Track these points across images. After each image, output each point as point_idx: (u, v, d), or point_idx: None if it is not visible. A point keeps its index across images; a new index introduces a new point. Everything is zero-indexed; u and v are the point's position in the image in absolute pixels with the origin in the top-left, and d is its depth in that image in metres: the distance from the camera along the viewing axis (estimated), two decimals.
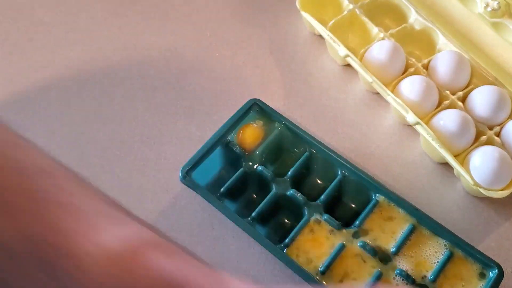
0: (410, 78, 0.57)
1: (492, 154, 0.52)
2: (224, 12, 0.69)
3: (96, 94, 0.62)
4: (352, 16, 0.63)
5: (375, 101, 0.61)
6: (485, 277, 0.48)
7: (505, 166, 0.52)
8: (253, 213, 0.51)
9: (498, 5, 0.57)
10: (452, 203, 0.55)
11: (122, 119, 0.61)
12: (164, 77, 0.63)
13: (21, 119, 0.61)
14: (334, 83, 0.63)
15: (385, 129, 0.60)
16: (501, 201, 0.54)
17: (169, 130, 0.60)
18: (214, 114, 0.61)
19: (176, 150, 0.58)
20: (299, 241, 0.50)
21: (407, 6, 0.62)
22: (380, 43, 0.59)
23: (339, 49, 0.59)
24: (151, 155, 0.58)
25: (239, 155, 0.54)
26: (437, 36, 0.61)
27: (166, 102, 0.62)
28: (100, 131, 0.60)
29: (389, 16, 0.65)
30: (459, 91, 0.57)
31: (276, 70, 0.64)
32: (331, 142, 0.58)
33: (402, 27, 0.61)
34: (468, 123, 0.54)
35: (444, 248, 0.49)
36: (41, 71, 0.64)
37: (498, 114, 0.55)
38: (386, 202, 0.51)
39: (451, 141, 0.53)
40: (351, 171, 0.52)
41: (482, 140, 0.54)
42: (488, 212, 0.54)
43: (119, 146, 0.59)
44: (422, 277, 0.47)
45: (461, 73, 0.58)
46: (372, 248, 0.48)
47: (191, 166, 0.53)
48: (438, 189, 0.56)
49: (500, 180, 0.52)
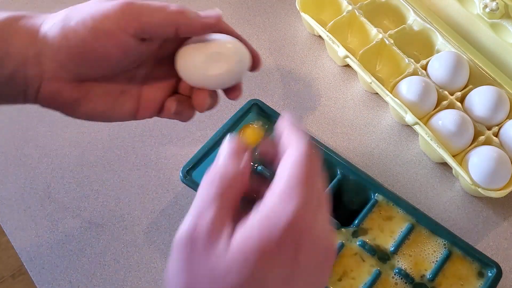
0: (409, 79, 0.57)
1: (491, 154, 0.52)
2: (224, 12, 0.69)
3: None
4: (351, 17, 0.63)
5: (374, 101, 0.62)
6: (483, 276, 0.48)
7: (503, 166, 0.52)
8: None
9: (496, 6, 0.57)
10: (451, 202, 0.55)
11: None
12: None
13: (21, 119, 0.61)
14: (333, 84, 0.63)
15: (384, 129, 0.60)
16: (500, 200, 0.55)
17: (170, 130, 0.60)
18: (214, 114, 0.61)
19: (177, 150, 0.59)
20: None
21: (406, 7, 0.63)
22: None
23: (338, 50, 0.59)
24: (152, 155, 0.59)
25: None
26: (435, 36, 0.61)
27: None
28: (101, 131, 0.60)
29: (388, 17, 0.65)
30: (457, 91, 0.58)
31: (276, 70, 0.64)
32: (330, 142, 0.59)
33: (401, 28, 0.62)
34: (467, 123, 0.54)
35: (442, 247, 0.49)
36: None
37: (496, 114, 0.56)
38: (385, 201, 0.51)
39: (450, 141, 0.54)
40: (350, 171, 0.53)
41: (480, 140, 0.55)
42: (486, 211, 0.55)
43: (120, 146, 0.59)
44: (421, 276, 0.48)
45: (460, 74, 0.58)
46: (371, 247, 0.48)
47: (191, 166, 0.53)
48: (436, 188, 0.56)
49: (499, 180, 0.52)
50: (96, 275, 0.52)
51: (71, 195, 0.56)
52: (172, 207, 0.55)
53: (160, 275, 0.52)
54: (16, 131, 0.60)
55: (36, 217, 0.55)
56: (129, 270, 0.52)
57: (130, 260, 0.53)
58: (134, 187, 0.57)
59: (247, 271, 0.27)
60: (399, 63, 0.60)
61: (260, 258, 0.28)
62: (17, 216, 0.55)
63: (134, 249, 0.53)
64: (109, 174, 0.57)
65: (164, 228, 0.54)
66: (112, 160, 0.58)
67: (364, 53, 0.60)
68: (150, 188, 0.57)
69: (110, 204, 0.56)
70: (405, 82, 0.57)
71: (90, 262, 0.53)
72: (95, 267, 0.52)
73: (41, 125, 0.61)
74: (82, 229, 0.54)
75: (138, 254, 0.53)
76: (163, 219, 0.55)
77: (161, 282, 0.52)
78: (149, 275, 0.52)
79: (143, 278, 0.52)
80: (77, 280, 0.52)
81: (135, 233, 0.54)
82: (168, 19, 0.36)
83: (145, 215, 0.55)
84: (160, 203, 0.56)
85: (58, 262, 0.53)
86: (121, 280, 0.52)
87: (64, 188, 0.57)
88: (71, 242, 0.54)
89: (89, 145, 0.59)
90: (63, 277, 0.52)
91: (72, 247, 0.53)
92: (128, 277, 0.52)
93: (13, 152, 0.59)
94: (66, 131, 0.60)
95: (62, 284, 0.51)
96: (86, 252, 0.53)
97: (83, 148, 0.59)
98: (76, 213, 0.55)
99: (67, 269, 0.52)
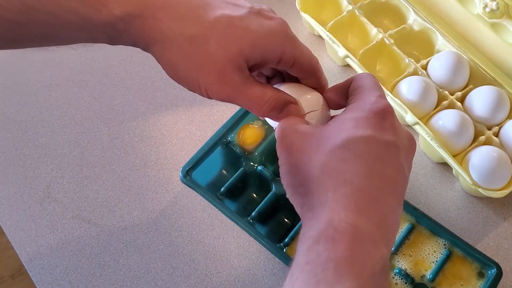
0: (409, 79, 0.57)
1: (491, 154, 0.52)
2: None
3: (96, 94, 0.63)
4: (352, 17, 0.63)
5: None
6: (483, 276, 0.48)
7: (503, 166, 0.52)
8: (253, 212, 0.51)
9: (496, 6, 0.57)
10: (451, 202, 0.55)
11: (122, 119, 0.61)
12: (165, 77, 0.63)
13: (21, 119, 0.61)
14: (333, 83, 0.63)
15: None
16: (500, 200, 0.55)
17: (170, 130, 0.60)
18: (214, 114, 0.61)
19: (177, 150, 0.59)
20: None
21: (406, 7, 0.63)
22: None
23: (338, 49, 0.59)
24: (152, 155, 0.58)
25: (239, 155, 0.55)
26: (436, 36, 0.61)
27: (166, 102, 0.62)
28: (101, 131, 0.60)
29: (388, 16, 0.65)
30: (458, 91, 0.58)
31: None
32: None
33: (401, 27, 0.62)
34: (467, 123, 0.54)
35: (443, 248, 0.49)
36: (42, 72, 0.64)
37: (496, 114, 0.55)
38: None
39: (450, 141, 0.54)
40: None
41: (480, 140, 0.54)
42: (486, 211, 0.55)
43: (120, 146, 0.59)
44: (421, 276, 0.48)
45: (460, 74, 0.58)
46: None
47: (191, 166, 0.53)
48: (437, 188, 0.56)
49: (499, 180, 0.52)
50: (96, 275, 0.52)
51: (71, 195, 0.56)
52: (172, 207, 0.55)
53: (160, 275, 0.52)
54: (16, 131, 0.60)
55: (36, 217, 0.55)
56: (129, 270, 0.52)
57: (130, 260, 0.53)
58: (134, 187, 0.57)
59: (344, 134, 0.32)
60: (399, 63, 0.60)
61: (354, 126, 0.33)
62: (17, 216, 0.55)
63: (134, 249, 0.53)
64: (109, 174, 0.57)
65: (164, 228, 0.54)
66: (112, 160, 0.58)
67: (364, 53, 0.60)
68: (150, 188, 0.56)
69: (110, 204, 0.56)
70: (405, 82, 0.57)
71: (90, 262, 0.52)
72: (95, 267, 0.52)
73: (41, 125, 0.61)
74: (82, 229, 0.54)
75: (138, 254, 0.53)
76: (163, 219, 0.55)
77: (161, 282, 0.52)
78: (149, 275, 0.52)
79: (143, 278, 0.52)
80: (77, 280, 0.52)
81: (135, 233, 0.54)
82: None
83: (145, 215, 0.55)
84: (160, 203, 0.56)
85: (58, 262, 0.53)
86: (121, 280, 0.52)
87: (64, 188, 0.57)
88: (71, 242, 0.54)
89: (89, 145, 0.59)
90: (63, 277, 0.52)
91: (72, 247, 0.53)
92: (128, 277, 0.52)
93: (13, 152, 0.59)
94: (66, 131, 0.60)
95: (62, 284, 0.51)
96: (86, 252, 0.53)
97: (83, 148, 0.59)
98: (76, 213, 0.55)
99: (67, 269, 0.52)
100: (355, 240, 0.29)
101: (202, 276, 0.52)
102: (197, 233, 0.54)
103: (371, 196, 0.31)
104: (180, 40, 0.33)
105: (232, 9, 0.35)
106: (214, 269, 0.52)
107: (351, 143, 0.32)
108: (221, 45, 0.34)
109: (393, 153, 0.33)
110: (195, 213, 0.55)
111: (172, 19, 0.33)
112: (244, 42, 0.34)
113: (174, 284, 0.51)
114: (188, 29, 0.33)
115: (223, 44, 0.34)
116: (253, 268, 0.52)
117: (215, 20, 0.34)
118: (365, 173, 0.31)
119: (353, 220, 0.29)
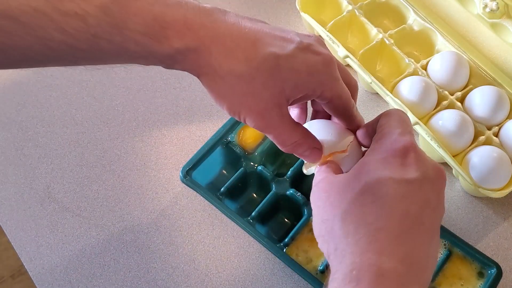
0: (409, 79, 0.57)
1: (491, 154, 0.52)
2: None
3: (96, 94, 0.63)
4: (352, 17, 0.63)
5: (374, 101, 0.62)
6: (483, 276, 0.48)
7: (503, 166, 0.52)
8: (253, 212, 0.51)
9: (496, 6, 0.57)
10: (451, 202, 0.55)
11: (122, 119, 0.61)
12: (165, 77, 0.64)
13: (21, 119, 0.61)
14: None
15: None
16: (500, 200, 0.55)
17: (170, 130, 0.60)
18: (214, 114, 0.61)
19: (177, 150, 0.59)
20: (298, 240, 0.50)
21: (406, 7, 0.63)
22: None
23: (338, 49, 0.59)
24: (152, 155, 0.58)
25: (239, 155, 0.55)
26: (436, 36, 0.61)
27: (166, 102, 0.62)
28: (101, 131, 0.60)
29: (388, 17, 0.65)
30: (457, 91, 0.58)
31: None
32: None
33: (401, 28, 0.62)
34: (467, 123, 0.54)
35: (443, 248, 0.49)
36: (42, 72, 0.64)
37: (496, 114, 0.56)
38: None
39: (450, 141, 0.54)
40: None
41: (480, 140, 0.54)
42: (486, 211, 0.55)
43: (120, 146, 0.59)
44: None
45: (460, 74, 0.58)
46: None
47: (191, 166, 0.54)
48: None
49: (499, 180, 0.52)
50: (96, 275, 0.52)
51: (71, 195, 0.56)
52: (172, 207, 0.55)
53: (160, 275, 0.52)
54: (16, 131, 0.60)
55: (36, 217, 0.55)
56: (129, 270, 0.52)
57: (130, 260, 0.53)
58: (134, 187, 0.57)
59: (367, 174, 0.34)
60: (399, 63, 0.60)
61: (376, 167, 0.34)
62: (17, 216, 0.55)
63: (134, 249, 0.53)
64: (109, 174, 0.57)
65: (164, 228, 0.54)
66: (112, 160, 0.58)
67: (364, 53, 0.60)
68: (150, 188, 0.57)
69: (110, 204, 0.56)
70: (405, 82, 0.57)
71: (90, 262, 0.53)
72: (95, 267, 0.52)
73: (41, 125, 0.61)
74: (82, 229, 0.54)
75: (138, 254, 0.53)
76: (163, 219, 0.55)
77: (161, 282, 0.52)
78: (149, 275, 0.52)
79: (143, 278, 0.52)
80: (77, 280, 0.52)
81: (135, 233, 0.54)
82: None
83: (145, 215, 0.55)
84: (160, 203, 0.56)
85: (58, 262, 0.53)
86: (121, 280, 0.52)
87: (64, 188, 0.57)
88: (71, 242, 0.54)
89: (89, 145, 0.59)
90: (63, 277, 0.52)
91: (72, 247, 0.53)
92: (128, 277, 0.52)
93: (13, 152, 0.59)
94: (66, 131, 0.60)
95: (62, 284, 0.51)
96: (86, 252, 0.53)
97: (83, 148, 0.59)
98: (76, 213, 0.55)
99: (67, 269, 0.52)
100: (378, 277, 0.30)
101: (202, 276, 0.52)
102: (197, 233, 0.54)
103: (394, 235, 0.32)
104: (228, 77, 0.35)
105: (280, 47, 0.35)
106: (214, 269, 0.52)
107: (370, 187, 0.34)
108: (265, 85, 0.35)
109: (415, 190, 0.34)
110: (195, 213, 0.55)
111: (223, 55, 0.34)
112: (287, 84, 0.35)
113: (174, 284, 0.51)
114: (237, 67, 0.35)
115: (267, 85, 0.35)
116: (253, 268, 0.52)
117: (263, 60, 0.35)
118: (386, 215, 0.33)
119: (375, 260, 0.31)
